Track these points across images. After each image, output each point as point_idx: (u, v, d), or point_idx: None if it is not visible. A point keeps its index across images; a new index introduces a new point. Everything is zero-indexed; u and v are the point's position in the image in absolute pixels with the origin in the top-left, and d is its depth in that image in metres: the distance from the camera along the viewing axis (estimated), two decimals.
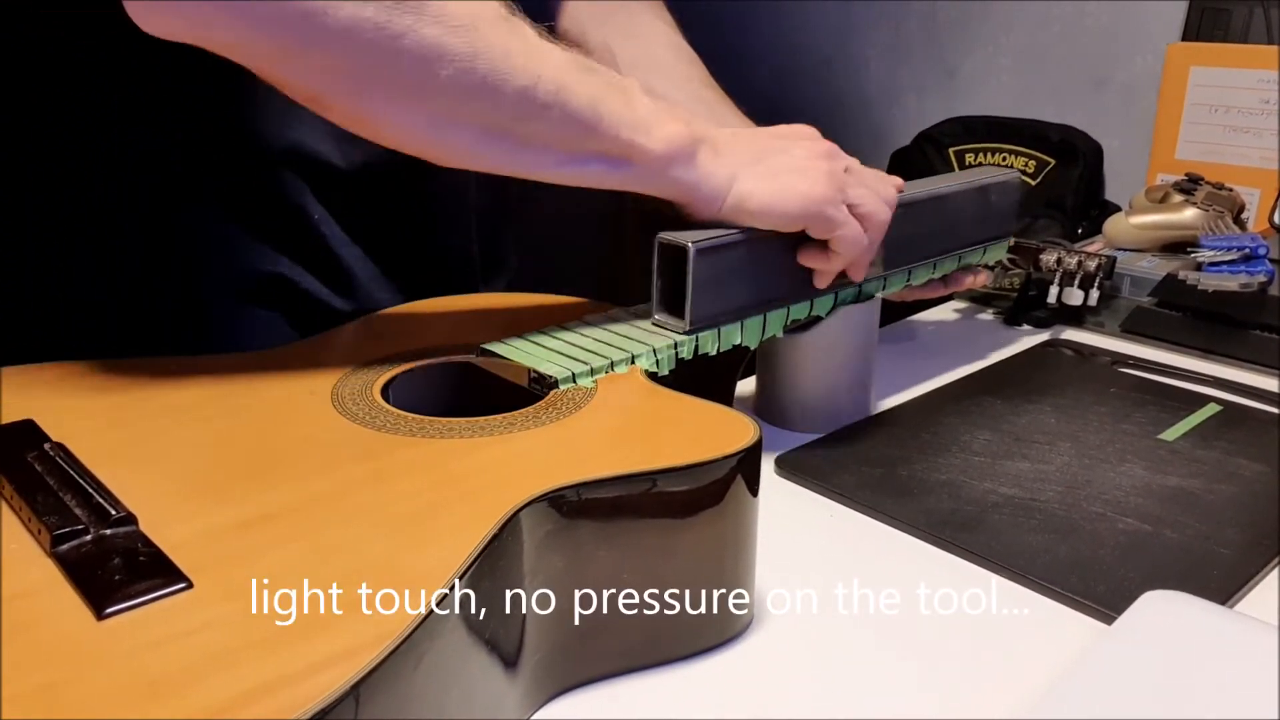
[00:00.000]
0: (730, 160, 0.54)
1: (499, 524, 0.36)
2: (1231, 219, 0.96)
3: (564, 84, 0.48)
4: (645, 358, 0.52)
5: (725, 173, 0.54)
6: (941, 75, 1.71)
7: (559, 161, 0.50)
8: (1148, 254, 0.96)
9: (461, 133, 0.48)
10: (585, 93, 0.49)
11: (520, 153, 0.49)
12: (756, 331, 0.58)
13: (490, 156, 0.49)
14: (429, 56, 0.44)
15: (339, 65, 0.44)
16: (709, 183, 0.53)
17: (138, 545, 0.35)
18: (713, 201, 0.54)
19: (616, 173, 0.52)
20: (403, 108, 0.46)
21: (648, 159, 0.51)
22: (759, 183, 0.54)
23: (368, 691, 0.28)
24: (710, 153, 0.54)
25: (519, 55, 0.47)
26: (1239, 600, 0.49)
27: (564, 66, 0.49)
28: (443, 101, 0.46)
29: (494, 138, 0.48)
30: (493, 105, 0.47)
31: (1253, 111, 1.22)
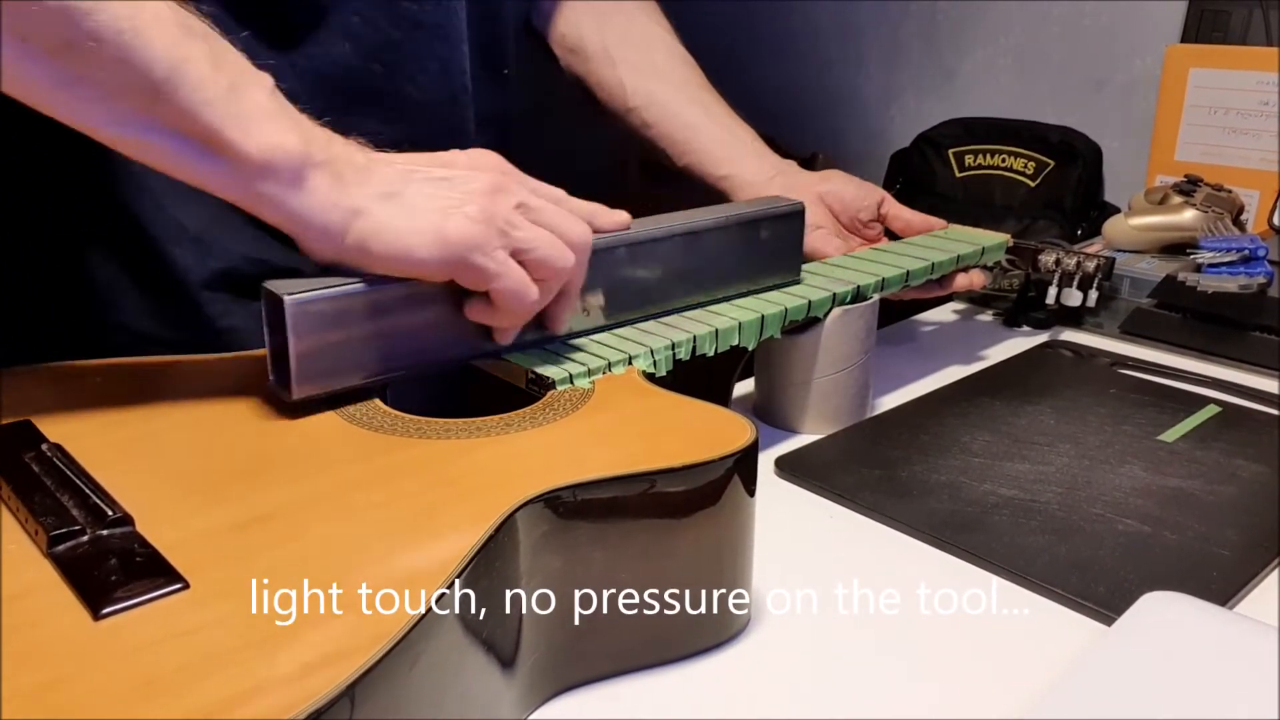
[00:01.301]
0: (357, 192, 0.45)
1: (495, 525, 0.36)
2: (1230, 220, 0.96)
3: (139, 27, 0.40)
4: (642, 358, 0.52)
5: (346, 205, 0.45)
6: (940, 76, 1.71)
7: (113, 117, 0.42)
8: (1147, 255, 0.96)
9: None
10: (169, 47, 0.41)
11: (66, 88, 0.41)
12: (754, 332, 0.58)
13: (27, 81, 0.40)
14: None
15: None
16: (320, 215, 0.44)
17: (134, 546, 0.35)
18: (329, 239, 0.45)
19: (194, 161, 0.43)
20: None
21: (235, 159, 0.43)
22: (389, 220, 0.45)
23: (363, 692, 0.28)
24: (329, 179, 0.45)
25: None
26: (1238, 601, 0.49)
27: (154, 12, 0.41)
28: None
29: (31, 57, 0.40)
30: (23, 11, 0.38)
31: (1252, 113, 1.22)
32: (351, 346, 0.46)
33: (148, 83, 0.41)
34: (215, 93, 0.42)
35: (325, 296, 0.45)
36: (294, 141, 0.44)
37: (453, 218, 0.46)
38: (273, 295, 0.45)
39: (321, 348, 0.45)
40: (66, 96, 0.41)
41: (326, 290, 0.45)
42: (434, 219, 0.46)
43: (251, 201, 0.44)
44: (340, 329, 0.46)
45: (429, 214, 0.46)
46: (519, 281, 0.48)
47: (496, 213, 0.47)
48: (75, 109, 0.41)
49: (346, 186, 0.45)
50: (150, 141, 0.42)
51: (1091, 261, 0.79)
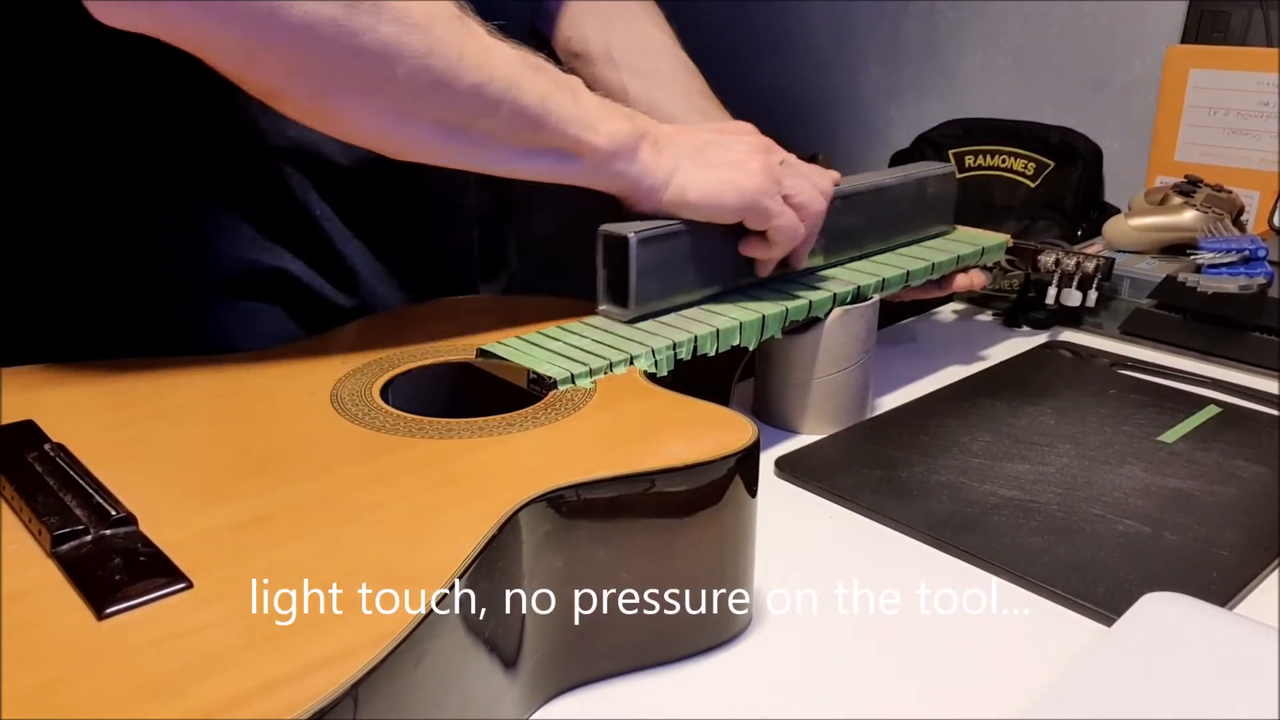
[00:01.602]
0: (670, 155, 0.56)
1: (498, 524, 0.36)
2: (1230, 221, 0.97)
3: (514, 81, 0.50)
4: (644, 359, 0.52)
5: (666, 166, 0.56)
6: (940, 77, 1.71)
7: (510, 156, 0.52)
8: (1147, 256, 0.96)
9: (417, 127, 0.50)
10: (535, 90, 0.51)
11: (474, 147, 0.51)
12: (755, 332, 0.59)
13: (445, 150, 0.51)
14: (386, 54, 0.46)
15: (298, 62, 0.46)
16: (650, 176, 0.56)
17: (137, 545, 0.35)
18: (654, 194, 0.56)
19: (565, 166, 0.54)
20: (360, 104, 0.48)
21: (594, 153, 0.53)
22: (697, 175, 0.56)
23: (366, 691, 0.29)
24: (652, 147, 0.56)
25: (472, 53, 0.49)
26: (1238, 602, 0.49)
27: (514, 64, 0.51)
28: (399, 98, 0.48)
29: (449, 132, 0.50)
30: (447, 101, 0.49)
31: (1252, 114, 1.22)
32: (666, 274, 0.57)
33: (531, 122, 0.51)
34: (570, 110, 0.52)
35: (655, 235, 0.56)
36: (626, 126, 0.55)
37: (744, 170, 0.57)
38: (616, 234, 0.56)
39: (649, 272, 0.56)
40: (479, 153, 0.52)
41: (654, 230, 0.56)
42: (731, 172, 0.57)
43: (606, 179, 0.55)
44: (660, 259, 0.57)
45: (727, 168, 0.57)
46: (791, 220, 0.59)
47: (770, 166, 0.58)
48: (485, 158, 0.52)
49: (663, 151, 0.56)
50: (537, 164, 0.53)
51: (1091, 262, 0.79)
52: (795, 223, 0.59)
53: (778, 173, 0.59)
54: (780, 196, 0.58)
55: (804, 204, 0.60)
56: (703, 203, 0.57)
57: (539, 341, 0.54)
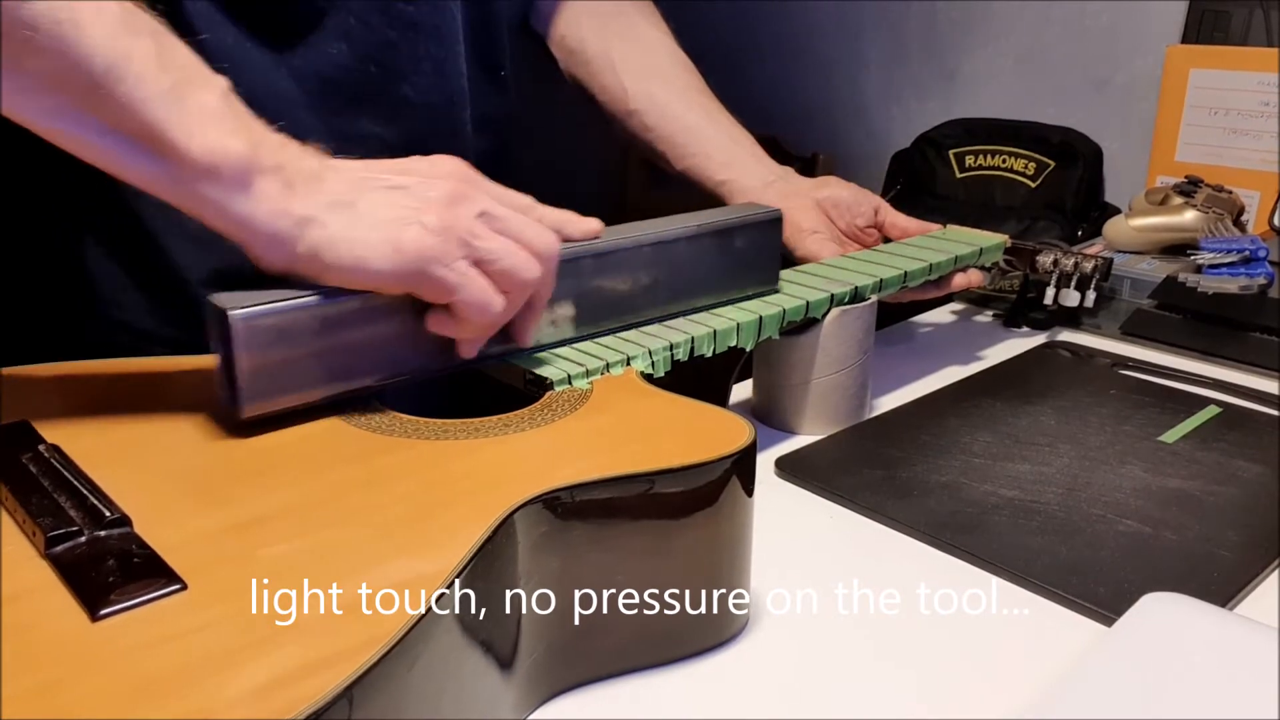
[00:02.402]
0: (309, 200, 0.43)
1: (493, 526, 0.36)
2: (1231, 221, 0.96)
3: (79, 19, 0.39)
4: (640, 359, 0.52)
5: (296, 214, 0.43)
6: (941, 77, 1.71)
7: (52, 111, 0.41)
8: (1147, 256, 0.96)
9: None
10: (109, 40, 0.40)
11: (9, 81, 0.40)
12: (753, 333, 0.58)
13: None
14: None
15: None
16: (268, 223, 0.43)
17: (132, 547, 0.35)
18: (277, 248, 0.43)
19: (134, 160, 0.42)
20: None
21: (176, 160, 0.41)
22: (344, 231, 0.43)
23: (361, 693, 0.28)
24: (278, 185, 0.43)
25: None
26: (1239, 602, 0.48)
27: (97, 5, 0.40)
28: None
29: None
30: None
31: (1252, 114, 1.22)
32: (304, 362, 0.44)
33: (86, 76, 0.39)
34: (157, 90, 0.41)
35: (275, 310, 0.43)
36: (239, 144, 0.42)
37: (409, 228, 0.44)
38: (217, 309, 0.42)
39: (272, 364, 0.43)
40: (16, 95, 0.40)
41: (276, 304, 0.43)
42: (389, 230, 0.44)
43: (194, 204, 0.43)
44: (292, 344, 0.43)
45: (385, 224, 0.44)
46: (482, 292, 0.46)
47: (456, 222, 0.45)
48: (12, 100, 0.40)
49: (296, 194, 0.43)
50: (89, 138, 0.41)
51: (1089, 262, 0.79)
52: (487, 296, 0.46)
53: (466, 230, 0.45)
54: (466, 261, 0.45)
55: (506, 270, 0.46)
56: (343, 266, 0.43)
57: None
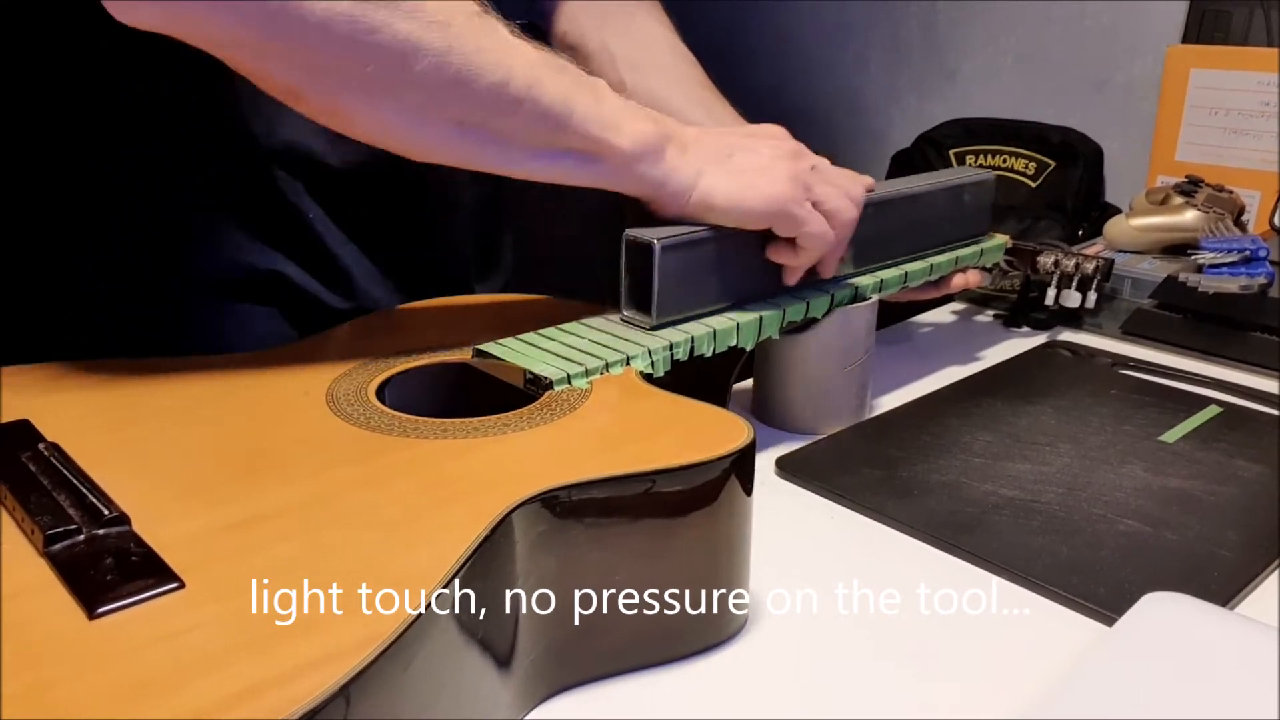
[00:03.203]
0: (696, 158, 0.55)
1: (491, 525, 0.36)
2: (1232, 221, 0.96)
3: (536, 80, 0.49)
4: (640, 359, 0.52)
5: (691, 170, 0.54)
6: (942, 77, 1.71)
7: (531, 156, 0.51)
8: (1148, 256, 0.96)
9: (436, 127, 0.49)
10: (557, 89, 0.50)
11: (493, 147, 0.50)
12: (753, 333, 0.58)
13: (464, 151, 0.50)
14: (403, 51, 0.45)
15: (315, 60, 0.45)
16: (675, 179, 0.54)
17: (130, 545, 0.35)
18: (678, 198, 0.55)
19: (587, 168, 0.52)
20: (377, 102, 0.47)
21: (617, 155, 0.52)
22: (724, 180, 0.55)
23: (358, 692, 0.28)
24: (677, 150, 0.54)
25: (492, 51, 0.48)
26: (1239, 602, 0.48)
27: (536, 63, 0.49)
28: (417, 96, 0.47)
29: (468, 132, 0.49)
30: (466, 100, 0.47)
31: (1253, 114, 1.22)
32: (691, 281, 0.56)
33: (552, 122, 0.50)
34: (592, 111, 0.51)
35: (680, 242, 0.55)
36: (650, 127, 0.53)
37: (772, 175, 0.56)
38: (640, 240, 0.54)
39: (673, 280, 0.55)
40: (499, 153, 0.50)
41: (679, 236, 0.54)
42: (759, 178, 0.55)
43: (630, 182, 0.54)
44: (685, 266, 0.55)
45: (755, 173, 0.55)
46: (821, 227, 0.57)
47: (800, 172, 0.57)
48: (505, 159, 0.51)
49: (689, 154, 0.55)
50: (558, 166, 0.52)
51: (1090, 263, 0.79)
52: (825, 229, 0.57)
53: (807, 178, 0.57)
54: (809, 203, 0.57)
55: (834, 211, 0.58)
56: (729, 208, 0.55)
57: (535, 342, 0.53)
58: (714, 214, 0.55)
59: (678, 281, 0.55)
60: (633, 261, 0.55)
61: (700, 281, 0.57)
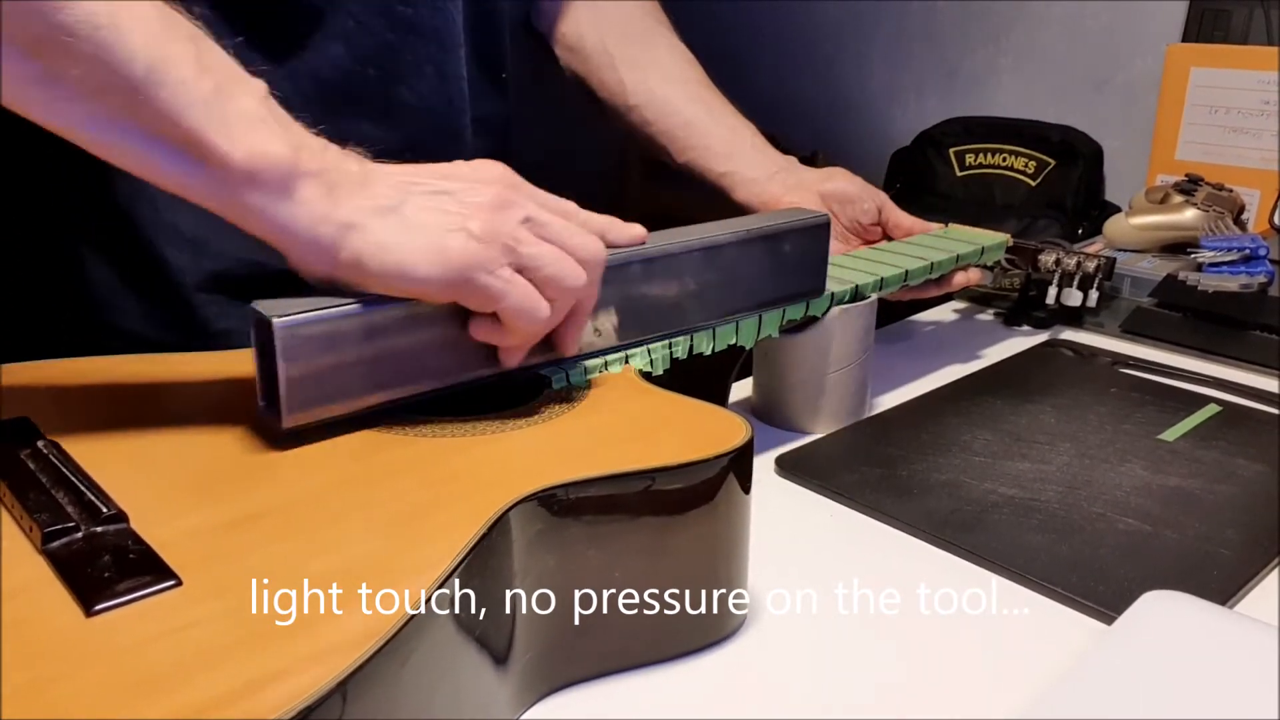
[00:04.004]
0: (350, 205, 0.42)
1: (488, 523, 0.36)
2: (1231, 220, 0.96)
3: (118, 24, 0.39)
4: (639, 357, 0.52)
5: (339, 219, 0.42)
6: (942, 76, 1.71)
7: (90, 117, 0.40)
8: (1148, 255, 0.96)
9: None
10: (149, 46, 0.39)
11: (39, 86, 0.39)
12: (752, 331, 0.58)
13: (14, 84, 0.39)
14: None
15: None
16: (310, 229, 0.42)
17: (128, 543, 0.34)
18: (320, 254, 0.43)
19: (175, 167, 0.41)
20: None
21: (218, 166, 0.40)
22: (386, 237, 0.42)
23: (355, 689, 0.28)
24: (320, 190, 0.42)
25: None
26: (1239, 601, 0.48)
27: (136, 9, 0.40)
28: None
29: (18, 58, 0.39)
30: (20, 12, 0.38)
31: (1253, 112, 1.22)
32: (347, 371, 0.43)
33: (125, 82, 0.39)
34: (198, 95, 0.40)
35: (318, 319, 0.42)
36: (281, 149, 0.41)
37: (455, 235, 0.43)
38: (261, 317, 0.41)
39: (314, 373, 0.42)
40: (40, 94, 0.39)
41: (319, 311, 0.42)
42: (435, 236, 0.43)
43: (236, 212, 0.42)
44: (335, 353, 0.42)
45: (429, 230, 0.43)
46: (528, 299, 0.45)
47: (501, 229, 0.44)
48: (50, 108, 0.40)
49: (339, 199, 0.42)
50: (128, 145, 0.40)
51: (1092, 262, 0.79)
52: (533, 303, 0.45)
53: (512, 236, 0.44)
54: (510, 267, 0.44)
55: (550, 279, 0.45)
56: (387, 273, 0.42)
57: None
58: (371, 280, 0.43)
59: (321, 373, 0.42)
60: (260, 342, 0.42)
61: (362, 371, 0.43)
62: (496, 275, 0.44)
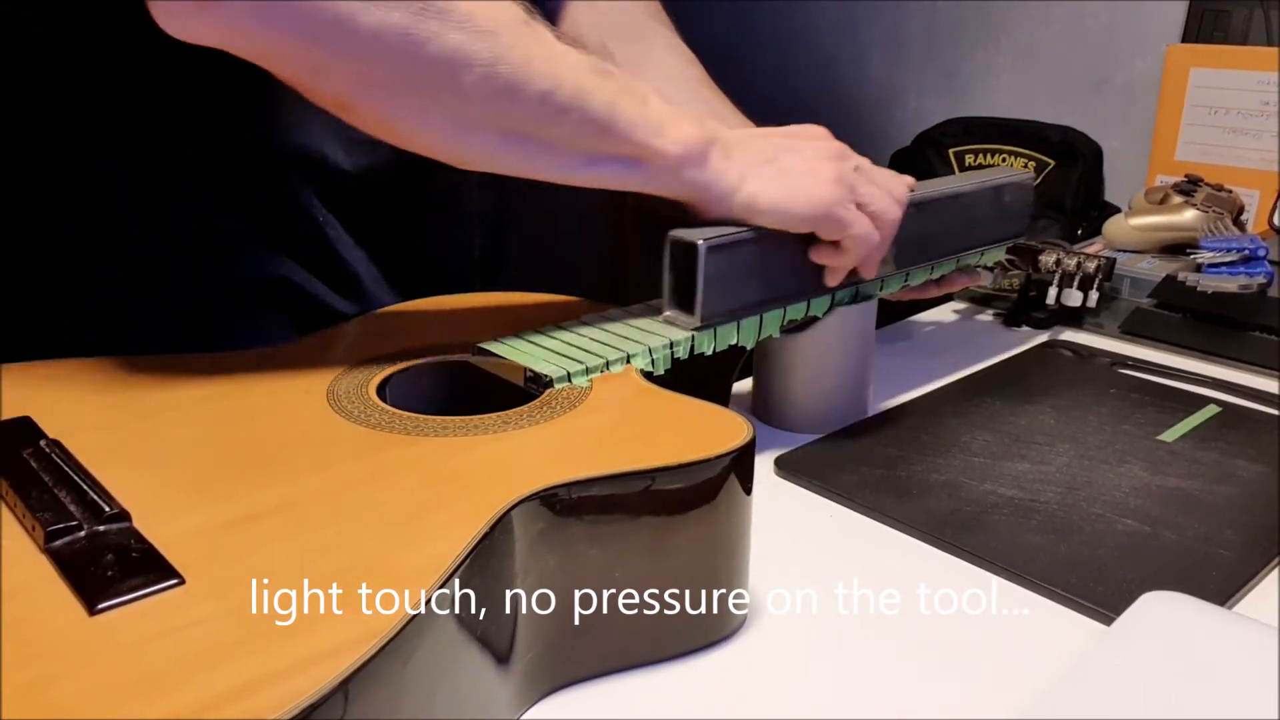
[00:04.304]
0: (740, 161, 0.55)
1: (490, 522, 0.36)
2: (1231, 220, 0.96)
3: (582, 87, 0.49)
4: (641, 357, 0.52)
5: (736, 173, 0.54)
6: (941, 76, 1.71)
7: (577, 164, 0.51)
8: (1147, 255, 0.96)
9: (484, 136, 0.49)
10: (602, 96, 0.50)
11: (540, 155, 0.50)
12: (753, 331, 0.58)
13: (511, 159, 0.50)
14: (453, 61, 0.45)
15: (366, 71, 0.45)
16: (720, 183, 0.54)
17: (130, 542, 0.35)
18: (723, 201, 0.55)
19: (632, 173, 0.52)
20: (427, 112, 0.47)
21: (662, 160, 0.52)
22: (769, 183, 0.55)
23: (357, 688, 0.28)
24: (722, 153, 0.54)
25: (540, 60, 0.48)
26: (1238, 601, 0.48)
27: (582, 70, 0.50)
28: (466, 106, 0.47)
29: (515, 141, 0.49)
30: (514, 109, 0.48)
31: (1252, 113, 1.22)
32: (734, 281, 0.56)
33: (599, 129, 0.50)
34: (638, 116, 0.51)
35: (724, 242, 0.54)
36: (695, 131, 0.53)
37: (817, 177, 0.55)
38: (684, 240, 0.54)
39: (717, 280, 0.54)
40: (546, 160, 0.51)
41: (724, 237, 0.54)
42: (803, 181, 0.55)
43: (676, 186, 0.54)
44: (729, 267, 0.55)
45: (799, 176, 0.55)
46: (866, 229, 0.57)
47: (844, 174, 0.56)
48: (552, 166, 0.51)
49: (733, 158, 0.55)
50: (603, 172, 0.52)
51: (1092, 262, 0.79)
52: (869, 231, 0.57)
53: (851, 179, 0.57)
54: (853, 204, 0.56)
55: (879, 212, 0.57)
56: (774, 210, 0.55)
57: (536, 340, 0.53)
58: (759, 216, 0.55)
59: (721, 282, 0.55)
60: (677, 261, 0.55)
61: (743, 282, 0.56)
62: (847, 209, 0.56)
